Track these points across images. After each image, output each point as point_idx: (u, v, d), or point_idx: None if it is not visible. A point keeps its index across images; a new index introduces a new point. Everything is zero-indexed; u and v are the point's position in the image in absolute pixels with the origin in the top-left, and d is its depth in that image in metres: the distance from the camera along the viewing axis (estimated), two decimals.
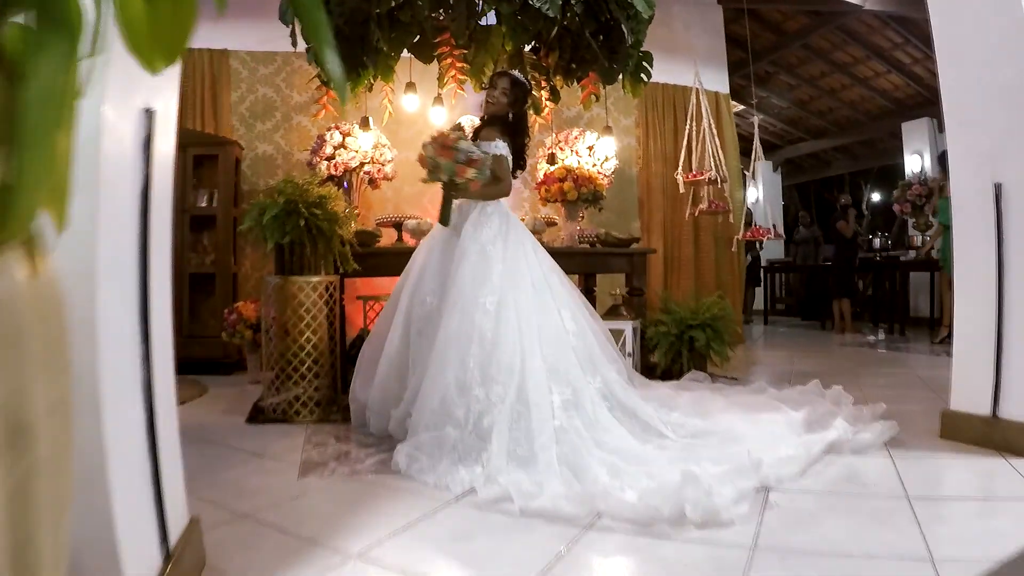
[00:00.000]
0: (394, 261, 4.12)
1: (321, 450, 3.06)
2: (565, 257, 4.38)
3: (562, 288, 3.46)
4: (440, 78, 4.56)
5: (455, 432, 2.80)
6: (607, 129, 5.43)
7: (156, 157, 1.57)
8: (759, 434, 3.01)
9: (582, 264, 4.77)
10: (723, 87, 7.60)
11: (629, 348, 4.41)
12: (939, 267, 7.56)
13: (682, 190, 5.91)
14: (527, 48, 4.79)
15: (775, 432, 3.07)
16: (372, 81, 4.55)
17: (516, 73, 3.65)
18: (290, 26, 4.18)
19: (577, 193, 4.53)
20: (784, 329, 9.50)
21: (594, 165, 5.22)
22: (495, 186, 3.38)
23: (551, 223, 5.08)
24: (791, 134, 12.56)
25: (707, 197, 6.06)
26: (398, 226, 4.59)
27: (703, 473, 2.38)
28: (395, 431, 3.11)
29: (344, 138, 4.74)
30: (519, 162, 3.53)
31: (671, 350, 4.49)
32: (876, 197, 15.66)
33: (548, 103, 4.86)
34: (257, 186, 5.53)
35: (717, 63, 7.63)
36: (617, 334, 4.32)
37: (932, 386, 4.56)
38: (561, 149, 5.25)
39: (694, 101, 5.93)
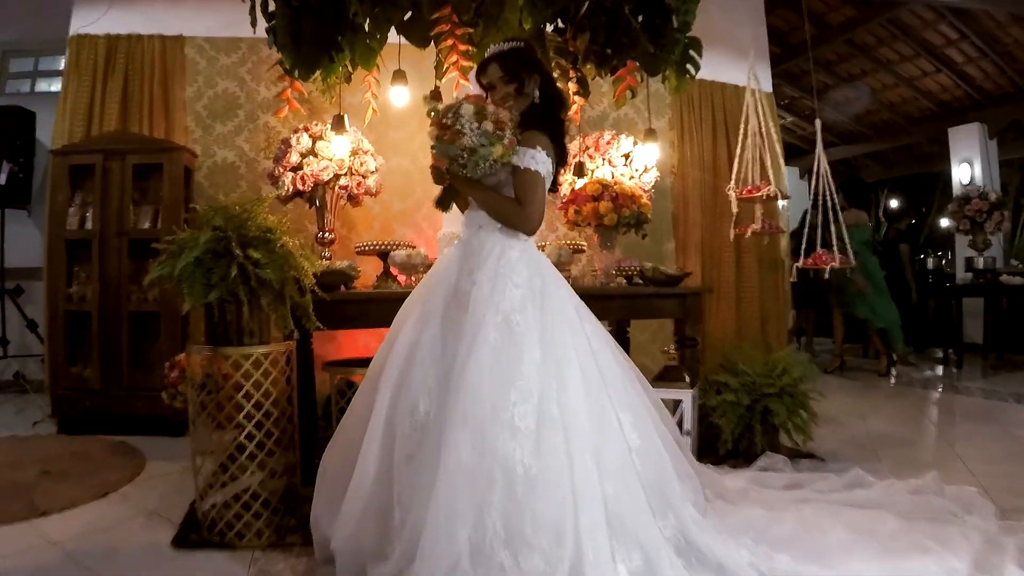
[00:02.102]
0: (377, 310, 3.00)
1: None
2: (600, 300, 3.26)
3: (617, 371, 2.34)
4: (438, 67, 3.45)
5: None
6: (650, 132, 4.29)
7: None
8: None
9: (622, 309, 3.60)
10: (767, 84, 6.46)
11: (688, 425, 3.28)
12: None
13: (735, 209, 4.78)
14: (549, 28, 3.68)
15: None
16: (350, 69, 3.43)
17: (497, 46, 2.51)
18: (248, 1, 3.11)
19: (617, 217, 3.41)
20: (823, 355, 8.35)
21: (631, 178, 4.09)
22: (514, 209, 2.28)
23: (578, 250, 3.94)
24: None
25: (761, 216, 4.93)
26: (384, 255, 3.48)
27: None
28: None
29: (314, 143, 3.61)
30: (560, 156, 2.44)
31: (739, 423, 3.36)
32: (893, 204, 14.51)
33: (576, 98, 3.74)
34: (216, 201, 4.42)
35: (759, 57, 6.50)
36: (671, 404, 3.21)
37: None
38: (591, 157, 4.12)
39: (749, 102, 4.80)
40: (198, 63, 4.53)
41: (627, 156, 4.13)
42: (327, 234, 3.76)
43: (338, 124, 3.57)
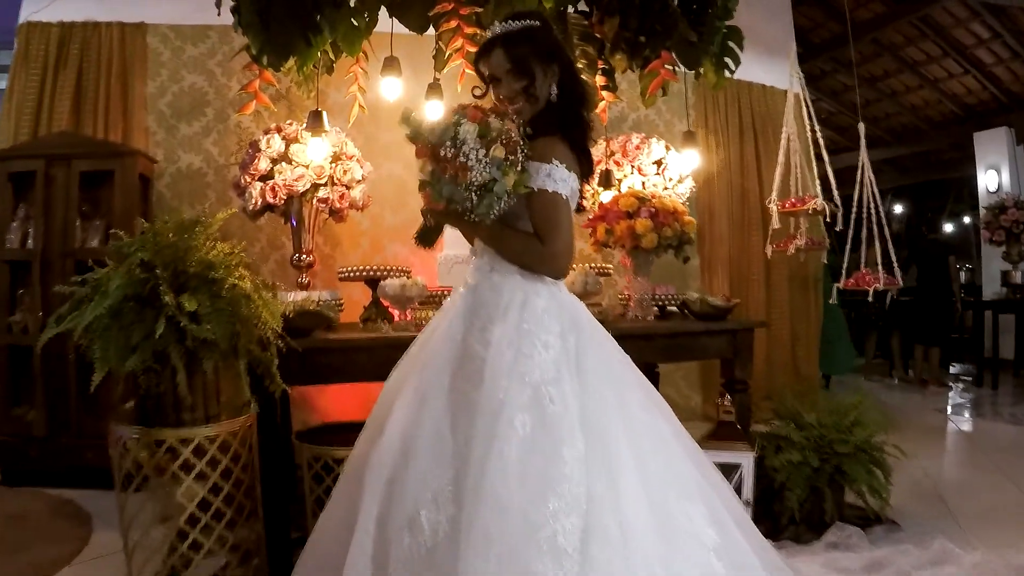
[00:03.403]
0: (367, 361, 2.34)
1: None
2: (639, 342, 2.61)
3: (677, 448, 1.71)
4: (438, 56, 2.81)
5: None
6: (688, 136, 3.63)
7: None
8: None
9: (665, 350, 2.87)
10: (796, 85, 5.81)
11: (747, 493, 2.62)
12: None
13: (776, 224, 4.14)
14: (571, 9, 3.05)
15: None
16: (332, 57, 2.79)
17: (500, 25, 1.80)
18: None
19: (657, 237, 2.74)
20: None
21: (664, 188, 3.44)
22: (534, 248, 1.68)
23: (603, 272, 3.27)
24: (837, 143, 10.77)
25: (803, 230, 4.30)
26: (373, 282, 2.83)
27: None
28: None
29: (288, 146, 2.95)
30: (584, 168, 1.80)
31: (806, 487, 2.71)
32: (898, 209, 13.92)
33: (604, 93, 3.10)
34: (183, 214, 3.76)
35: (784, 55, 5.87)
36: (728, 469, 2.56)
37: None
38: (617, 165, 3.47)
39: (790, 103, 4.18)
40: (162, 54, 3.86)
41: (659, 163, 3.48)
42: (305, 256, 3.10)
43: (315, 122, 2.88)
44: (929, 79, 8.44)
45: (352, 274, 2.82)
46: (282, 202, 2.87)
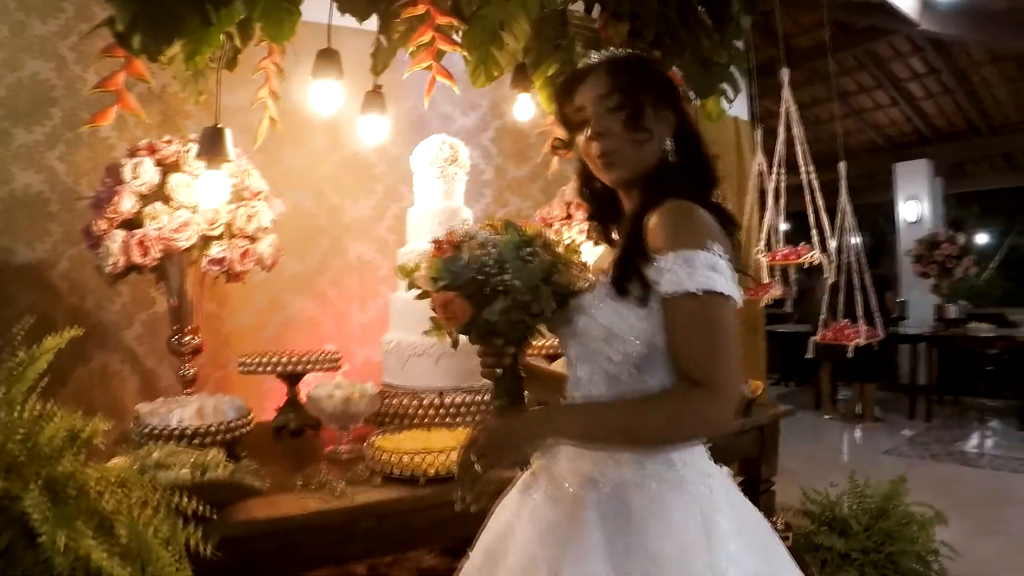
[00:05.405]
0: (316, 543, 1.44)
1: None
2: None
3: None
4: (377, 53, 1.93)
5: None
6: None
7: None
8: None
9: None
10: (742, 111, 5.26)
11: None
12: None
13: (765, 278, 3.51)
14: (570, 5, 2.25)
15: None
16: (238, 44, 1.85)
17: (597, 55, 1.23)
18: None
19: None
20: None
21: None
22: (687, 400, 1.02)
23: None
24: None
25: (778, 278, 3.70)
26: (293, 377, 1.91)
27: None
28: None
29: (165, 175, 1.96)
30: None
31: None
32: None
33: None
34: (10, 261, 2.65)
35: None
36: None
37: None
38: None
39: (781, 137, 3.58)
40: None
41: None
42: (189, 339, 2.11)
43: (212, 146, 1.89)
44: (856, 109, 8.23)
45: (259, 367, 1.90)
46: (152, 263, 1.88)
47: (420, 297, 1.10)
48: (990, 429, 6.11)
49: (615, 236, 1.28)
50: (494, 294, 1.02)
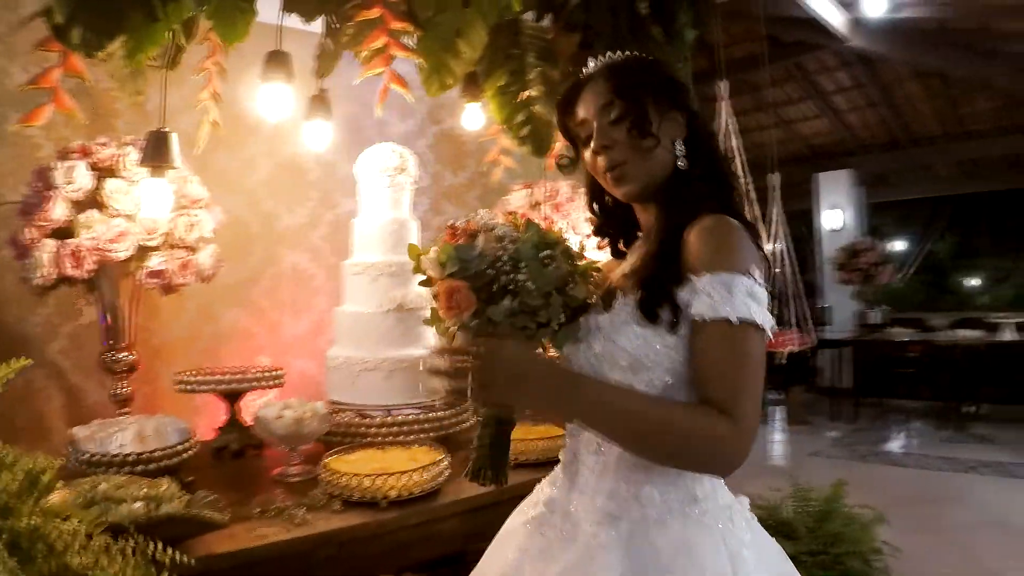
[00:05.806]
0: (272, 574, 1.35)
1: None
2: None
3: None
4: (322, 56, 1.86)
5: None
6: None
7: None
8: None
9: None
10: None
11: None
12: None
13: None
14: (528, 16, 2.21)
15: None
16: (183, 41, 1.75)
17: (595, 61, 1.16)
18: None
19: None
20: None
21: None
22: (707, 427, 0.93)
23: None
24: None
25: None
26: (233, 395, 1.81)
27: None
28: None
29: (100, 181, 1.85)
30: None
31: None
32: None
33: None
34: None
35: None
36: None
37: None
38: (549, 220, 2.69)
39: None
40: None
41: None
42: (125, 355, 1.98)
43: (158, 151, 1.76)
44: (784, 120, 8.51)
45: (199, 385, 1.79)
46: (88, 275, 1.75)
47: (424, 284, 1.01)
48: (912, 430, 6.40)
49: (621, 247, 1.23)
50: (503, 292, 0.95)
